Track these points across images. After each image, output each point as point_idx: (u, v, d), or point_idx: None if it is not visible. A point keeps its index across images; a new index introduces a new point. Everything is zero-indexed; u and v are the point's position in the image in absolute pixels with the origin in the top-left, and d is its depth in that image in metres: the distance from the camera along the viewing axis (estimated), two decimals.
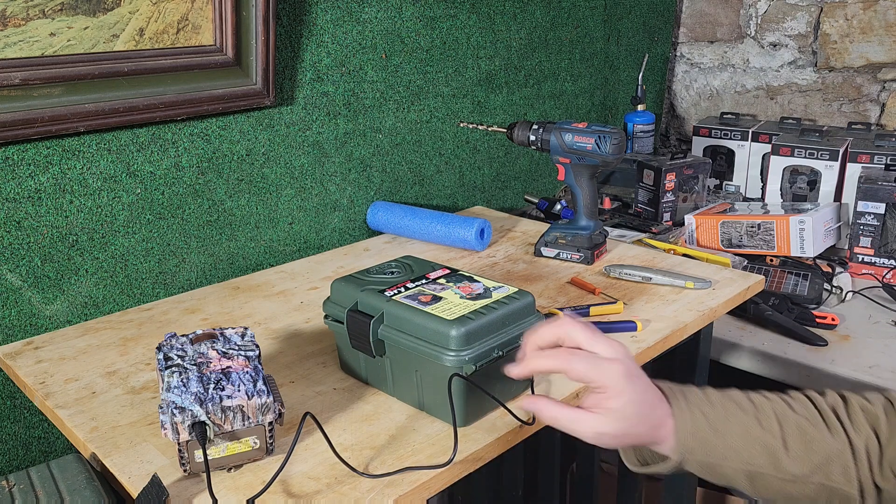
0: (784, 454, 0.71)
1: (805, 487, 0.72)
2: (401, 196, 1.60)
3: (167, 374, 0.76)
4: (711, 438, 0.72)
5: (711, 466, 0.73)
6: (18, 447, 1.13)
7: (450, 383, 0.80)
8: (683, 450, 0.72)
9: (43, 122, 1.04)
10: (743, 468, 0.72)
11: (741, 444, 0.72)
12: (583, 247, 1.32)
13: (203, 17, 1.17)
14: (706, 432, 0.72)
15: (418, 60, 1.54)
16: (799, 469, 0.71)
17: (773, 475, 0.72)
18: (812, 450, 0.71)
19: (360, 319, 0.88)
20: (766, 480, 0.73)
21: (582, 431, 0.70)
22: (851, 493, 0.71)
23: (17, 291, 1.09)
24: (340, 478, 0.77)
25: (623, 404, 0.69)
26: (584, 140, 1.28)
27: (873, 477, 0.71)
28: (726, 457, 0.72)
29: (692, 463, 0.73)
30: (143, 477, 0.77)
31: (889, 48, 1.95)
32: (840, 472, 0.71)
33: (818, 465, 0.71)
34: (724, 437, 0.72)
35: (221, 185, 1.29)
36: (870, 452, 0.71)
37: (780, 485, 0.72)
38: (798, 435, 0.72)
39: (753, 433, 0.72)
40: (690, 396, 0.74)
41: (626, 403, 0.69)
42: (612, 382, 0.69)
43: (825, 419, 0.73)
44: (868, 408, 0.74)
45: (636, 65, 2.14)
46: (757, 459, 0.72)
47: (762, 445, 0.72)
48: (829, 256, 1.70)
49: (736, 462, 0.72)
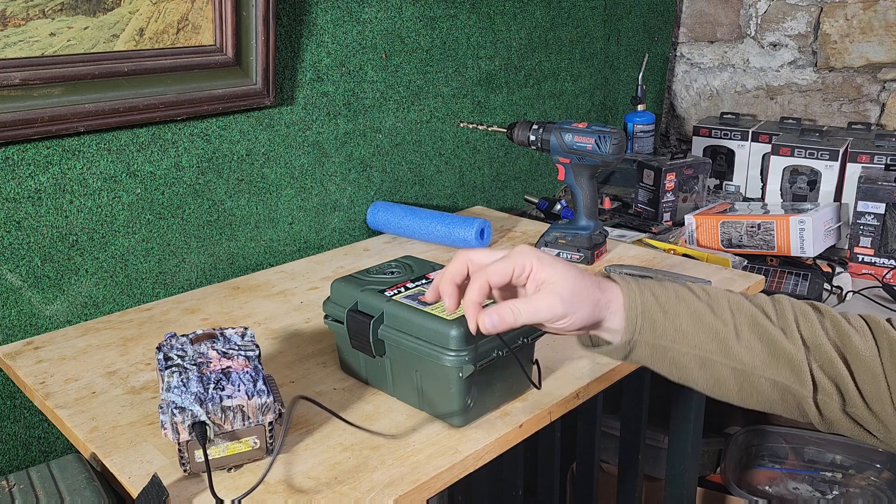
0: (735, 341, 0.70)
1: (757, 382, 0.71)
2: (401, 196, 1.60)
3: (167, 374, 0.76)
4: (661, 319, 0.71)
5: (662, 350, 0.71)
6: (18, 447, 1.13)
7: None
8: (632, 328, 0.71)
9: (43, 122, 1.04)
10: (693, 352, 0.71)
11: (691, 328, 0.71)
12: (583, 247, 1.32)
13: (203, 17, 1.17)
14: (655, 312, 0.71)
15: (418, 60, 1.54)
16: (749, 358, 0.70)
17: (725, 363, 0.70)
18: (763, 341, 0.70)
19: (360, 319, 0.88)
20: (717, 370, 0.71)
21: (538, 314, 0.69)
22: (803, 392, 0.70)
23: (17, 291, 1.09)
24: (340, 478, 0.77)
25: (553, 272, 0.69)
26: (584, 140, 1.28)
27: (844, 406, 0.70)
28: (676, 340, 0.71)
29: (642, 345, 0.72)
30: (143, 477, 0.77)
31: (889, 48, 1.95)
32: (789, 369, 0.70)
33: (768, 356, 0.70)
34: (673, 319, 0.71)
35: (221, 185, 1.29)
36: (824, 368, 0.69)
37: (731, 376, 0.71)
38: (751, 325, 0.71)
39: (705, 319, 0.71)
40: (641, 280, 0.73)
41: (556, 271, 0.69)
42: (532, 260, 0.70)
43: (780, 318, 0.72)
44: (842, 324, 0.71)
45: (636, 65, 2.14)
46: (707, 345, 0.71)
47: (713, 331, 0.71)
48: (829, 256, 1.70)
49: (685, 346, 0.71)
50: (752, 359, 0.70)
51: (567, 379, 0.95)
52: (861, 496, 1.51)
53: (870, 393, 0.68)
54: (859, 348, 0.69)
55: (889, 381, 0.68)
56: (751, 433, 1.65)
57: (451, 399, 0.83)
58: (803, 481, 1.58)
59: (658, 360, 0.73)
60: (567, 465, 1.67)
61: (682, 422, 1.32)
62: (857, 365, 0.69)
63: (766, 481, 1.60)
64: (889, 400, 0.68)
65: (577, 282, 0.69)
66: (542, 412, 0.89)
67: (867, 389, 0.69)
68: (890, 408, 0.68)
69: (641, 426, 1.37)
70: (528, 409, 0.89)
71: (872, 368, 0.68)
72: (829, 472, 1.59)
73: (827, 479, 1.57)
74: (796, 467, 1.61)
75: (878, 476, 1.55)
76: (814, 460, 1.62)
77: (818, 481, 1.57)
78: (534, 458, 1.46)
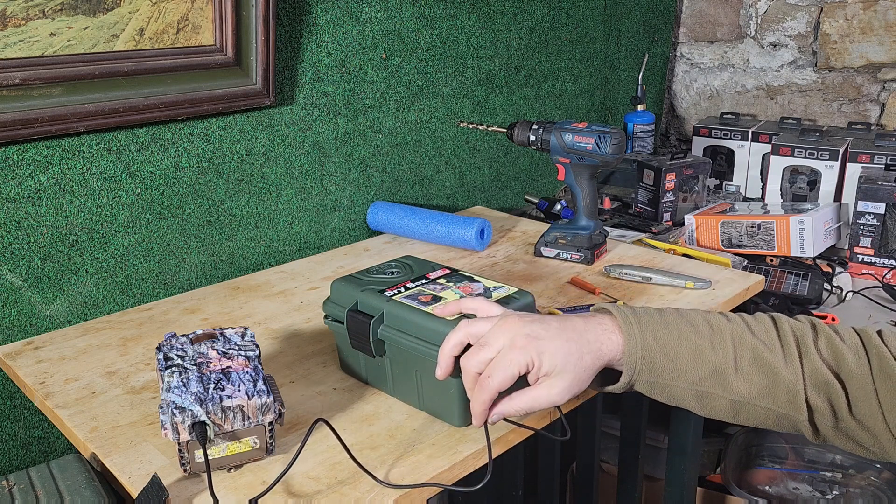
0: (734, 375, 0.72)
1: (753, 410, 0.73)
2: (401, 196, 1.60)
3: (167, 374, 0.76)
4: (660, 361, 0.73)
5: (659, 386, 0.74)
6: (18, 447, 1.13)
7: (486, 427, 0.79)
8: (631, 371, 0.73)
9: (43, 122, 1.04)
10: (691, 388, 0.73)
11: (690, 366, 0.72)
12: (583, 247, 1.32)
13: (203, 17, 1.17)
14: (655, 354, 0.72)
15: (418, 60, 1.54)
16: (746, 390, 0.72)
17: (721, 395, 0.72)
18: (764, 373, 0.71)
19: (360, 319, 0.88)
20: (714, 401, 0.73)
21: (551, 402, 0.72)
22: (799, 417, 0.71)
23: (17, 291, 1.09)
24: (341, 478, 0.77)
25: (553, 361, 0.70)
26: (584, 140, 1.28)
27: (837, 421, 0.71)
28: (675, 377, 0.73)
29: (641, 383, 0.74)
30: (143, 477, 0.77)
31: (889, 48, 1.95)
32: (786, 398, 0.71)
33: (765, 387, 0.71)
34: (673, 359, 0.72)
35: (221, 185, 1.29)
36: (820, 387, 0.71)
37: (727, 406, 0.73)
38: (751, 358, 0.72)
39: (705, 356, 0.72)
40: (644, 318, 0.74)
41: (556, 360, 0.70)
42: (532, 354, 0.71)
43: (783, 345, 0.73)
44: (836, 343, 0.73)
45: (636, 65, 2.14)
46: (705, 380, 0.72)
47: (712, 368, 0.72)
48: (829, 256, 1.70)
49: (683, 382, 0.73)
50: (750, 390, 0.72)
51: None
52: (861, 496, 1.51)
53: (862, 410, 0.70)
54: (852, 367, 0.71)
55: (880, 396, 0.69)
56: (751, 433, 1.65)
57: (451, 399, 0.83)
58: (803, 481, 1.57)
59: (655, 393, 0.76)
60: (567, 465, 1.67)
61: (682, 422, 1.32)
62: (850, 384, 0.70)
63: (766, 481, 1.60)
64: (880, 415, 0.69)
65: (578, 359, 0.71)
66: (542, 412, 0.89)
67: (860, 406, 0.70)
68: (882, 422, 0.69)
69: (641, 426, 1.37)
70: None
71: (864, 386, 0.70)
72: (829, 472, 1.58)
73: (827, 479, 1.57)
74: (796, 467, 1.61)
75: (878, 476, 1.55)
76: (814, 460, 1.62)
77: (818, 481, 1.57)
78: (534, 458, 1.46)
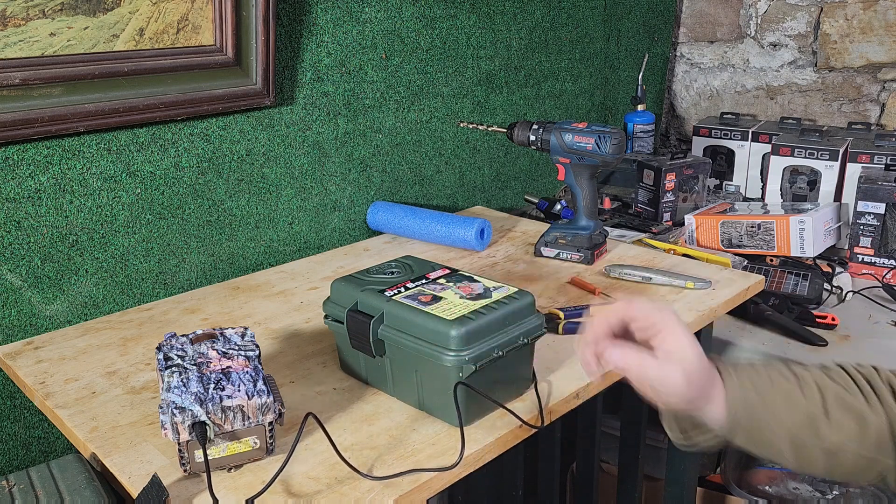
0: (825, 422, 0.71)
1: (844, 458, 0.72)
2: (401, 196, 1.60)
3: (167, 374, 0.76)
4: (758, 407, 0.72)
5: (758, 434, 0.73)
6: (18, 447, 1.13)
7: (455, 391, 0.80)
8: (733, 420, 0.72)
9: (43, 122, 1.04)
10: (787, 436, 0.72)
11: (785, 413, 0.72)
12: (583, 247, 1.32)
13: (203, 17, 1.17)
14: (754, 400, 0.72)
15: (418, 60, 1.54)
16: (837, 436, 0.71)
17: (815, 444, 0.72)
18: (853, 418, 0.71)
19: (360, 319, 0.88)
20: (808, 452, 0.73)
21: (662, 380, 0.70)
22: (887, 462, 0.71)
23: (17, 291, 1.09)
24: (340, 478, 0.77)
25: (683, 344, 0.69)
26: (584, 140, 1.28)
27: None
28: (771, 425, 0.72)
29: (740, 433, 0.73)
30: (143, 477, 0.77)
31: (889, 48, 1.95)
32: (875, 442, 0.71)
33: (855, 432, 0.71)
34: (769, 405, 0.72)
35: (221, 185, 1.29)
36: None
37: (821, 457, 0.73)
38: (837, 404, 0.72)
39: (797, 401, 0.72)
40: (738, 366, 0.74)
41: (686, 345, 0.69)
42: (670, 322, 0.70)
43: (861, 389, 0.73)
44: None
45: (636, 65, 2.14)
46: (800, 427, 0.72)
47: (805, 413, 0.72)
48: (829, 256, 1.70)
49: (780, 429, 0.72)
50: (841, 437, 0.72)
51: (567, 379, 0.95)
52: (861, 496, 1.51)
53: None
54: None
55: None
56: None
57: (451, 399, 0.83)
58: (803, 481, 1.57)
59: (752, 445, 0.74)
60: (567, 465, 1.67)
61: None
62: None
63: (766, 481, 1.59)
64: None
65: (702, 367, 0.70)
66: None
67: None
68: None
69: (641, 426, 1.37)
70: (528, 408, 0.88)
71: None
72: None
73: (827, 478, 1.57)
74: None
75: None
76: None
77: (818, 481, 1.57)
78: (534, 458, 1.46)
